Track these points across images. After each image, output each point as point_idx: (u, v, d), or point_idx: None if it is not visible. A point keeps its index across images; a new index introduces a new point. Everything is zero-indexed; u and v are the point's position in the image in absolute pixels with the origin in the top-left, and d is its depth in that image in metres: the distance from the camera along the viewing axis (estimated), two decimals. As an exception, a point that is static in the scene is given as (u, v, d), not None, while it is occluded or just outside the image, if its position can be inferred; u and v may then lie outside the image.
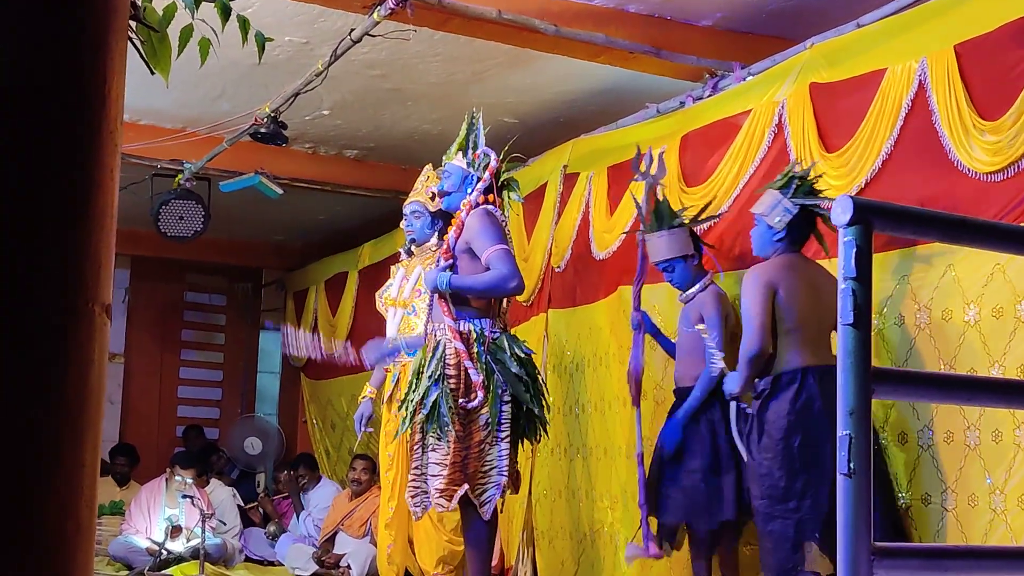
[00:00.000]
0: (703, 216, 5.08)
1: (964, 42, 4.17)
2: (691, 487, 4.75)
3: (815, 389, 4.20)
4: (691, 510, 4.78)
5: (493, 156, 5.05)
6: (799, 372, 4.25)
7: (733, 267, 5.11)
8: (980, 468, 3.98)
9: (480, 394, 4.77)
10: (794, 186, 4.44)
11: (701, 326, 4.82)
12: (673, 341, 5.16)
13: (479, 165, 5.06)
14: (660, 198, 5.09)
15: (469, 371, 4.78)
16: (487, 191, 5.01)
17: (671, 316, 5.32)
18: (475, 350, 4.82)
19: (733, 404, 4.55)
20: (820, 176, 4.52)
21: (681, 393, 4.97)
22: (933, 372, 3.94)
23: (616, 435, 5.81)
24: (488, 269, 4.79)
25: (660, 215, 5.01)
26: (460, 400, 4.77)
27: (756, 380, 4.34)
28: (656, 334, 5.22)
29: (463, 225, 4.90)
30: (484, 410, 4.79)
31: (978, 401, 2.85)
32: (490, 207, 4.97)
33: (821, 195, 4.45)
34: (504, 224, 4.99)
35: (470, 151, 5.12)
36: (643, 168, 5.14)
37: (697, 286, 4.94)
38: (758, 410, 4.27)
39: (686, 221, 5.01)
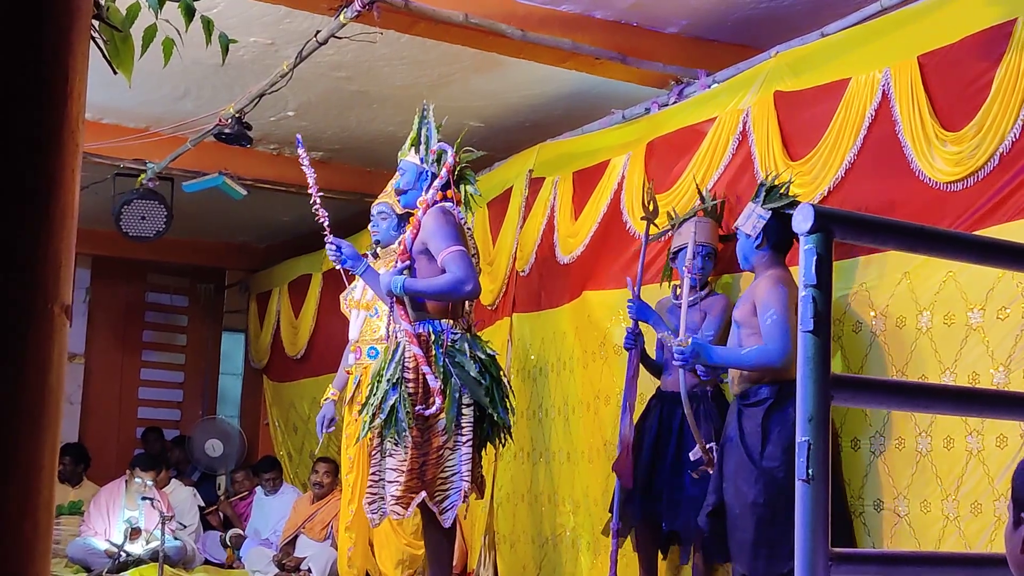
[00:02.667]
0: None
1: (927, 53, 4.21)
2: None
3: None
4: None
5: (450, 151, 4.91)
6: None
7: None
8: (932, 474, 4.01)
9: (438, 400, 4.65)
10: (763, 193, 4.45)
11: (666, 335, 4.81)
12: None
13: (434, 161, 4.96)
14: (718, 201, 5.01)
15: (427, 376, 4.68)
16: (444, 187, 4.88)
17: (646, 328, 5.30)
18: (433, 353, 4.72)
19: (684, 386, 4.54)
20: (790, 182, 4.52)
21: (665, 397, 4.93)
22: (891, 379, 3.97)
23: (579, 439, 5.82)
24: (444, 271, 4.69)
25: (715, 209, 4.97)
26: (417, 407, 4.65)
27: (759, 387, 4.29)
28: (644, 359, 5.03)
29: (419, 225, 4.78)
30: (442, 415, 4.67)
31: (936, 409, 2.88)
32: (447, 204, 4.84)
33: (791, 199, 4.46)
34: (462, 221, 4.87)
35: (422, 146, 5.01)
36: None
37: (705, 290, 4.91)
38: (762, 418, 4.24)
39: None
